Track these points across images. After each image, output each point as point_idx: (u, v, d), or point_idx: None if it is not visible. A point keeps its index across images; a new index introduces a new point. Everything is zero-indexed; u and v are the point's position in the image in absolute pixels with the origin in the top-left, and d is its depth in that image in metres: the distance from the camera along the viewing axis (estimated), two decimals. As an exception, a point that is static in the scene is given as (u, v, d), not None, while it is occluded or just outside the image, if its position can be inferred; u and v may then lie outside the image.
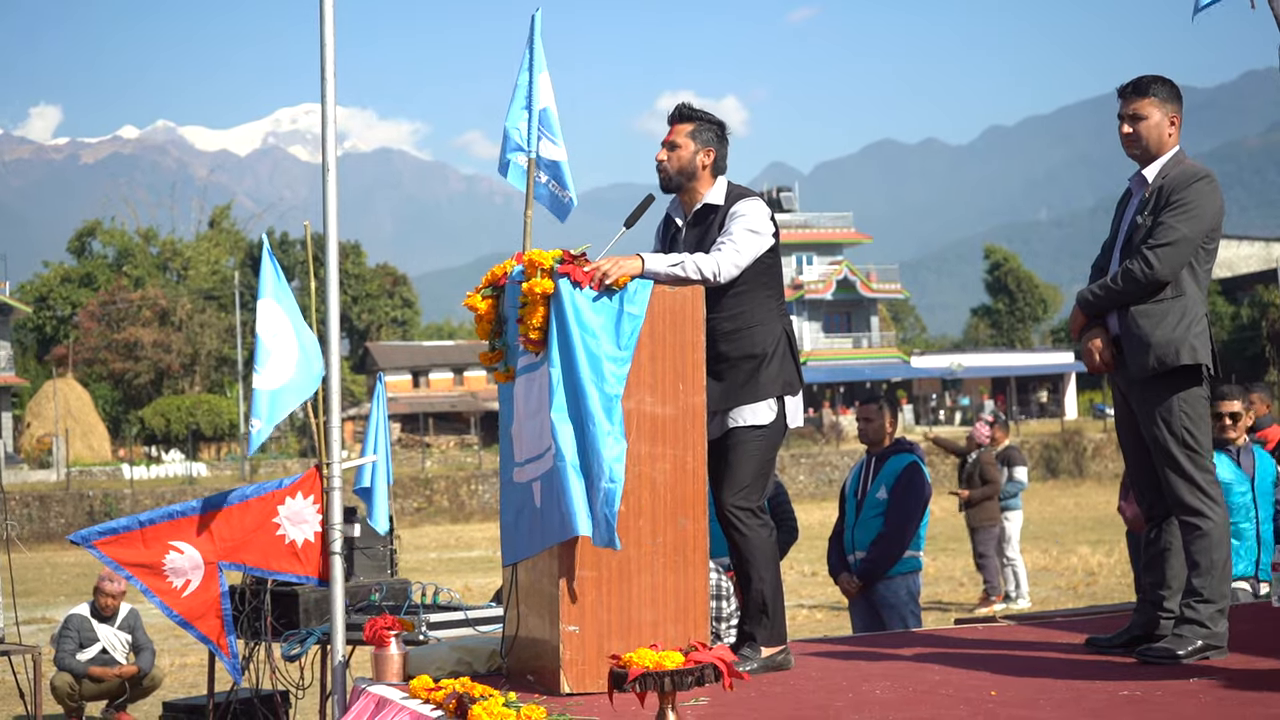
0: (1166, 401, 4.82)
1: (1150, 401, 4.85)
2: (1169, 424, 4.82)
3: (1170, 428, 4.82)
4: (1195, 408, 4.84)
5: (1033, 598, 14.46)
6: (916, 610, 7.19)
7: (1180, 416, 4.82)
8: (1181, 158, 4.95)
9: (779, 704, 4.30)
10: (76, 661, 9.93)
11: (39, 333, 66.51)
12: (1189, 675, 4.49)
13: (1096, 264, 5.14)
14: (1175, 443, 4.82)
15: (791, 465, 38.46)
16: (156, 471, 45.67)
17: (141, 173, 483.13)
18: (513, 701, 4.07)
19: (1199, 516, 4.81)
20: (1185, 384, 4.83)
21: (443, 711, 4.25)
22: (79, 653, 9.96)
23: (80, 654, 9.95)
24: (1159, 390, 4.84)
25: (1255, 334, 56.22)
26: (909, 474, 7.09)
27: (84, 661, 9.95)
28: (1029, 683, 4.51)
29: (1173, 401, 4.82)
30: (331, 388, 5.20)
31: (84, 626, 10.06)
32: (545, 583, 4.65)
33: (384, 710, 4.65)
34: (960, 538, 18.70)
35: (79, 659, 9.94)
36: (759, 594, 4.84)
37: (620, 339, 4.52)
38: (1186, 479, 4.82)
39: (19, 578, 17.37)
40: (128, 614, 10.20)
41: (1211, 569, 4.79)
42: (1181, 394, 4.83)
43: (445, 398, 64.58)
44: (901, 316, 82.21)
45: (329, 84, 5.16)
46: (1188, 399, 4.83)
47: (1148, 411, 4.87)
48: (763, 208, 4.89)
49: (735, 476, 4.81)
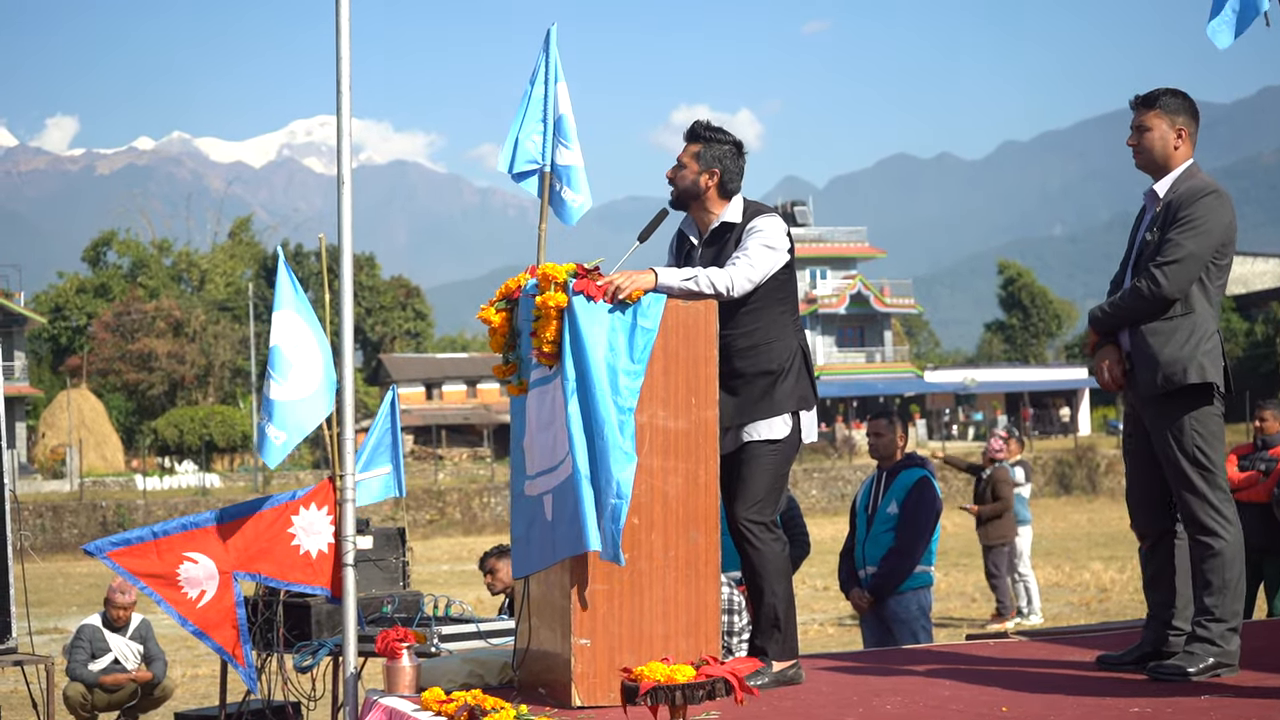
0: (1178, 420, 4.82)
1: (1162, 420, 4.85)
2: (1180, 443, 4.81)
3: (1181, 446, 4.81)
4: (1207, 425, 4.83)
5: (1045, 613, 14.42)
6: (928, 625, 7.18)
7: (1192, 435, 4.81)
8: (1194, 171, 4.94)
9: (790, 718, 4.30)
10: (88, 671, 9.94)
11: (54, 343, 66.81)
12: (1200, 693, 4.48)
13: (1114, 280, 5.13)
14: (1187, 461, 4.81)
15: (804, 479, 38.42)
16: (170, 482, 45.79)
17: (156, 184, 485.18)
18: (524, 714, 4.08)
19: (1212, 536, 4.81)
20: (1196, 402, 4.82)
21: (454, 723, 4.26)
22: (91, 663, 9.98)
23: (92, 664, 9.97)
24: (1170, 409, 4.83)
25: (1270, 350, 56.09)
26: (920, 489, 7.09)
27: (96, 672, 9.96)
28: (1040, 699, 4.51)
29: (1184, 420, 4.81)
30: (345, 399, 5.22)
31: (96, 637, 10.08)
32: (557, 596, 4.66)
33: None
34: (972, 553, 18.67)
35: (91, 669, 9.95)
36: (771, 608, 4.84)
37: (634, 353, 4.54)
38: (1199, 497, 4.81)
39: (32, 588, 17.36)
40: (139, 624, 10.22)
41: (1224, 588, 4.78)
42: (1193, 413, 4.82)
43: (458, 410, 64.72)
44: (915, 331, 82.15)
45: (344, 97, 5.18)
46: (1199, 417, 4.82)
47: (1159, 430, 4.86)
48: (779, 224, 4.90)
49: (749, 490, 4.82)
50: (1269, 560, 8.98)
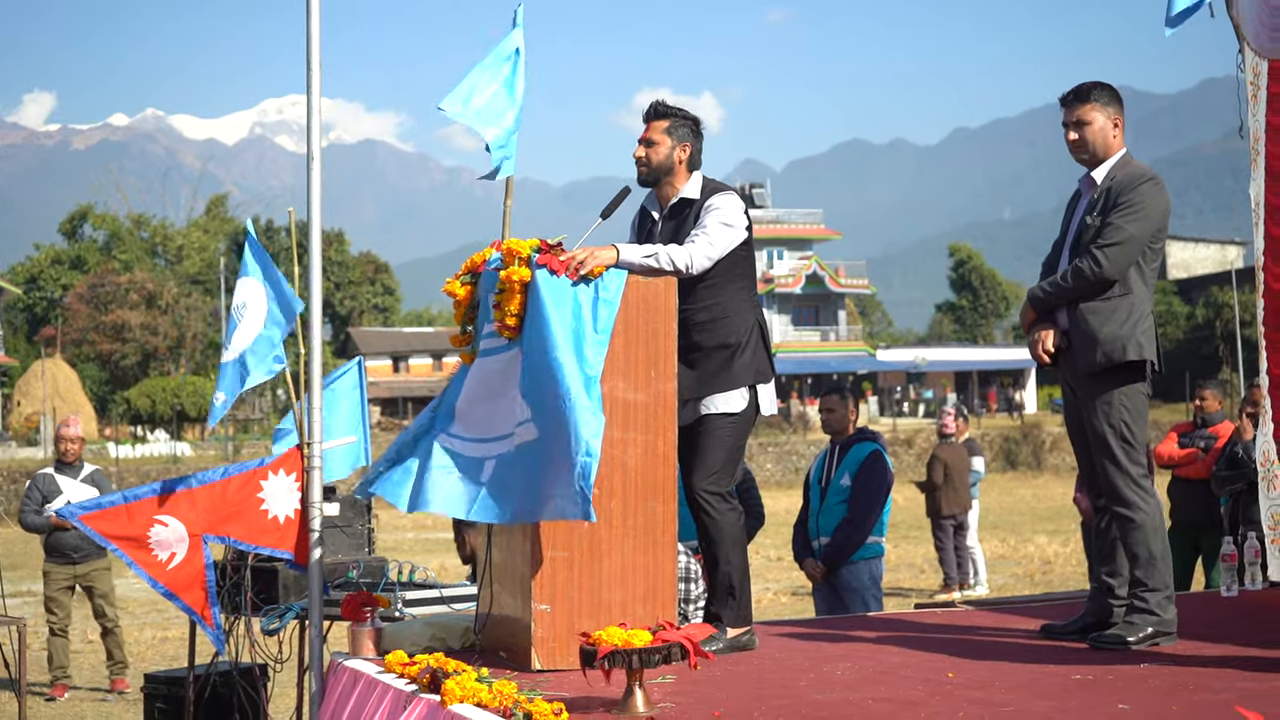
0: (1108, 395, 4.95)
1: (1094, 394, 4.98)
2: (1108, 416, 4.95)
3: (1109, 420, 4.94)
4: (1135, 402, 4.97)
5: (990, 585, 14.65)
6: (878, 594, 7.31)
7: (1120, 410, 4.95)
8: (1128, 160, 5.08)
9: (743, 683, 4.39)
10: (39, 519, 9.57)
11: (29, 313, 66.55)
12: (1140, 661, 4.60)
13: (1047, 261, 5.26)
14: (1113, 434, 4.94)
15: (759, 453, 38.56)
16: (142, 450, 45.45)
17: (131, 160, 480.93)
18: (485, 677, 4.11)
19: (1132, 508, 4.94)
20: (1128, 379, 4.96)
21: (417, 685, 4.32)
22: (42, 509, 9.58)
23: (45, 509, 9.56)
24: (1104, 384, 4.96)
25: (1210, 333, 56.85)
26: (871, 461, 7.21)
27: (45, 518, 9.57)
28: (986, 666, 4.61)
29: (1114, 395, 4.95)
30: (313, 371, 5.29)
31: (46, 483, 9.69)
32: (518, 562, 4.75)
33: (360, 684, 4.75)
34: (921, 526, 18.90)
35: (42, 517, 9.57)
36: (726, 576, 4.94)
37: (597, 324, 4.60)
38: (1121, 470, 4.94)
39: (5, 552, 17.28)
40: (92, 472, 9.93)
41: (1151, 559, 4.91)
42: (1123, 389, 4.95)
43: (424, 383, 65.39)
44: (868, 311, 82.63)
45: (314, 75, 5.23)
46: (1128, 394, 4.96)
47: (1090, 404, 4.99)
48: (737, 202, 5.00)
49: (706, 462, 4.91)
50: (1205, 534, 9.17)
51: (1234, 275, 24.33)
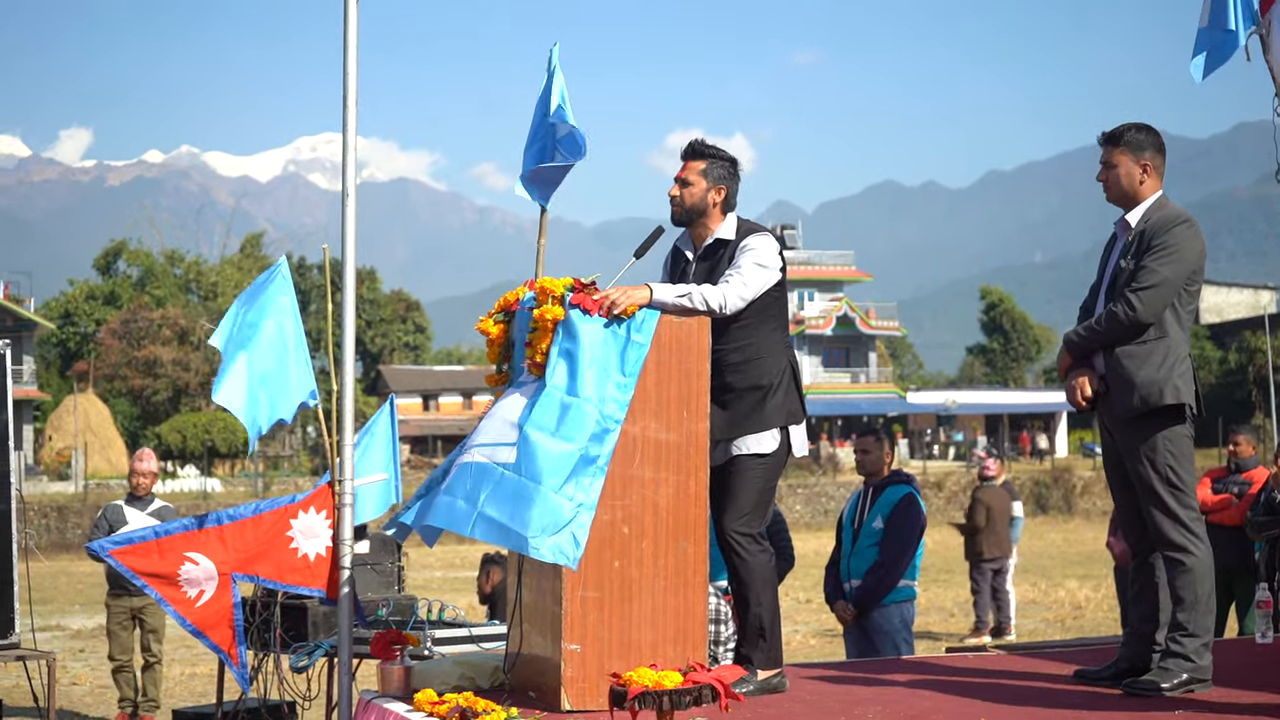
0: (1151, 440, 4.93)
1: (1135, 440, 4.96)
2: (1153, 462, 4.92)
3: (1154, 465, 4.92)
4: (1179, 446, 4.94)
5: (1020, 630, 14.54)
6: (909, 638, 7.26)
7: (1165, 455, 4.92)
8: (1164, 202, 5.07)
9: (774, 725, 4.40)
10: None
11: (62, 348, 67.11)
12: (1173, 708, 4.57)
13: (1084, 305, 5.26)
14: (1159, 480, 4.92)
15: (789, 495, 38.46)
16: (172, 486, 45.67)
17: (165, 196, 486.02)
18: (514, 717, 4.13)
19: (1183, 552, 4.91)
20: (1169, 422, 4.93)
21: (446, 724, 4.34)
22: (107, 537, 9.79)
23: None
24: (1144, 429, 4.94)
25: (1243, 378, 56.48)
26: (905, 504, 7.18)
27: None
28: (1018, 711, 4.59)
29: (1157, 440, 4.93)
30: (345, 408, 5.31)
31: (114, 513, 9.87)
32: (549, 602, 4.74)
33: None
34: (952, 569, 18.79)
35: None
36: (757, 618, 4.93)
37: (625, 366, 4.62)
38: (1170, 516, 4.91)
39: (36, 586, 17.36)
40: (160, 507, 10.00)
41: (1195, 604, 4.88)
42: (1165, 432, 4.93)
43: (454, 421, 65.86)
44: (899, 353, 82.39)
45: (350, 112, 5.27)
46: (1171, 437, 4.94)
47: (1132, 450, 4.97)
48: (772, 243, 5.00)
49: (737, 503, 4.91)
50: (1240, 581, 9.12)
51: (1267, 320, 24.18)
